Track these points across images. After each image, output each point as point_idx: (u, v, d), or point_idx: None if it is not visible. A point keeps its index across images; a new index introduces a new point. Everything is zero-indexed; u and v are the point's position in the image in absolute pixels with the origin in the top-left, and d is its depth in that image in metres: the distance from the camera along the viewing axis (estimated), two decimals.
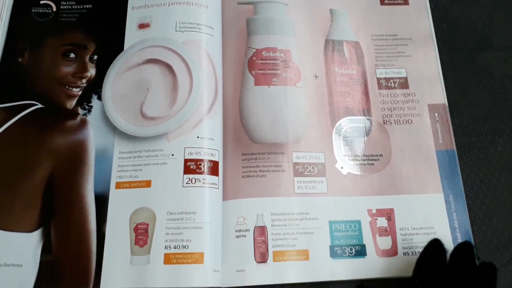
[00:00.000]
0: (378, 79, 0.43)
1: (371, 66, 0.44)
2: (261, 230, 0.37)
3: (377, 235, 0.38)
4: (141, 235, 0.36)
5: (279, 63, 0.42)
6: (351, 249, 0.37)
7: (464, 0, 0.47)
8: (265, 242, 0.37)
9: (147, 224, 0.37)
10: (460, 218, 0.39)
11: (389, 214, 0.39)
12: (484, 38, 0.46)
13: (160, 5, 0.43)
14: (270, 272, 0.36)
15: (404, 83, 0.43)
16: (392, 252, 0.38)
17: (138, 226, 0.36)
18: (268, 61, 0.41)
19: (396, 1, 0.46)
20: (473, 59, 0.45)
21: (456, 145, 0.41)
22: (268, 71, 0.41)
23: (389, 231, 0.38)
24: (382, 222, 0.38)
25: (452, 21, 0.46)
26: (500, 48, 0.45)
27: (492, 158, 0.41)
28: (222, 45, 0.43)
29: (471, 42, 0.46)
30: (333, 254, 0.37)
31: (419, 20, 0.45)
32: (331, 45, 0.44)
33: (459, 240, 0.38)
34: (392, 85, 0.43)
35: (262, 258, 0.37)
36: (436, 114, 0.42)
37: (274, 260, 0.37)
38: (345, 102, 0.42)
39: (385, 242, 0.38)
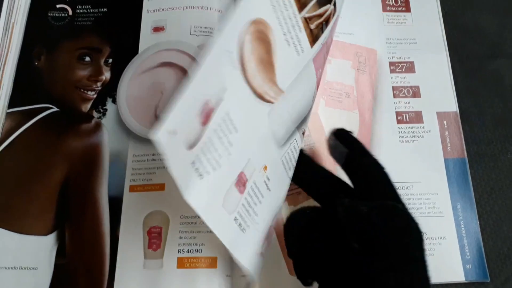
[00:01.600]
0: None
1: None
2: None
3: None
4: (154, 238, 0.36)
5: None
6: None
7: (475, 7, 0.47)
8: None
9: (161, 228, 0.37)
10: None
11: None
12: (495, 45, 0.46)
13: (175, 8, 0.43)
14: None
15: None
16: None
17: (152, 229, 0.37)
18: None
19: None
20: (484, 67, 0.45)
21: (467, 152, 0.41)
22: None
23: None
24: None
25: (463, 28, 0.46)
26: (511, 56, 0.46)
27: (502, 166, 0.42)
28: None
29: (482, 49, 0.46)
30: None
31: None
32: None
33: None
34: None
35: None
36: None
37: None
38: None
39: None
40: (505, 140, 0.43)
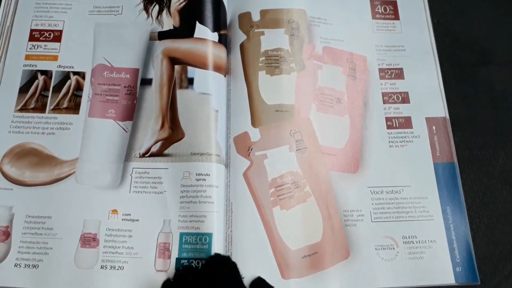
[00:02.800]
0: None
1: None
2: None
3: None
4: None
5: None
6: None
7: (466, 16, 0.48)
8: None
9: None
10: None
11: None
12: (486, 53, 0.47)
13: None
14: None
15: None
16: None
17: None
18: None
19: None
20: (475, 74, 0.46)
21: (458, 158, 0.41)
22: None
23: None
24: None
25: (455, 36, 0.47)
26: (502, 63, 0.46)
27: (494, 171, 0.42)
28: None
29: (473, 56, 0.46)
30: None
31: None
32: None
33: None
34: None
35: None
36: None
37: None
38: None
39: None
40: (497, 146, 0.43)
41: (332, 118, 0.43)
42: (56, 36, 0.44)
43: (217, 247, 0.37)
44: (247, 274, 0.36)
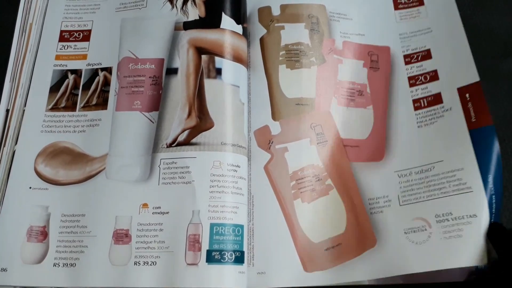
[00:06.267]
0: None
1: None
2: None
3: None
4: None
5: None
6: None
7: (486, 8, 0.48)
8: None
9: None
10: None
11: None
12: (506, 45, 0.46)
13: None
14: None
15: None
16: None
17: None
18: None
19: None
20: (496, 66, 0.46)
21: None
22: None
23: None
24: None
25: (474, 29, 0.47)
26: None
27: None
28: None
29: (494, 49, 0.46)
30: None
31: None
32: None
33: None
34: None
35: None
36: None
37: None
38: None
39: None
40: None
41: (353, 111, 0.43)
42: (85, 36, 0.45)
43: (245, 240, 0.38)
44: (269, 268, 0.37)
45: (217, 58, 0.42)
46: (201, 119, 0.41)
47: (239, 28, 0.44)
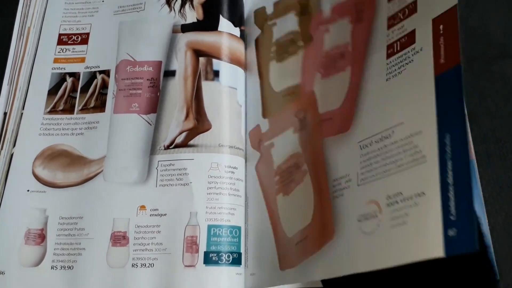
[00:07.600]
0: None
1: None
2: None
3: None
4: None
5: None
6: None
7: (482, 10, 0.48)
8: None
9: None
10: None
11: None
12: (502, 46, 0.47)
13: None
14: None
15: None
16: None
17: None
18: None
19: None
20: (491, 68, 0.46)
21: (475, 152, 0.41)
22: None
23: None
24: None
25: (470, 30, 0.47)
26: None
27: (511, 165, 0.42)
28: None
29: (489, 50, 0.47)
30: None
31: None
32: None
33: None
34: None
35: None
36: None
37: None
38: None
39: None
40: None
41: (333, 79, 0.37)
42: (84, 39, 0.46)
43: (242, 243, 0.38)
44: (258, 269, 0.36)
45: (214, 61, 0.43)
46: (199, 121, 0.41)
47: (236, 31, 0.44)
